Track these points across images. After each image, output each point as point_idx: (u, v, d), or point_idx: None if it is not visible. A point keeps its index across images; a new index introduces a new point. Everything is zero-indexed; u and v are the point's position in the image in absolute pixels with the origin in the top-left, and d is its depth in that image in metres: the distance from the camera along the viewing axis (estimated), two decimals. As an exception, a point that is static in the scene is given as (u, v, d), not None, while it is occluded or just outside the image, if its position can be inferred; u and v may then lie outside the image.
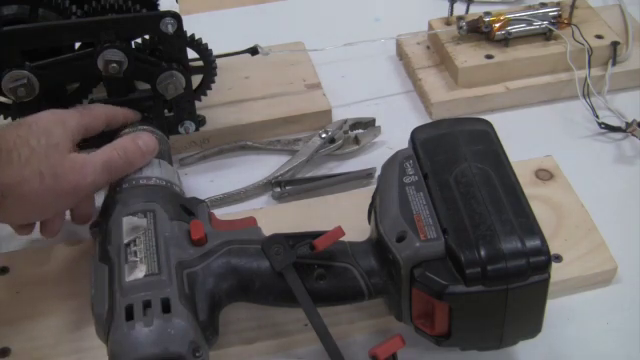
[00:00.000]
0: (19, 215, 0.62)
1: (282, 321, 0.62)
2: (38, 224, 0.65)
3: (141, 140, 0.65)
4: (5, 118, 0.73)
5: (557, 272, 0.59)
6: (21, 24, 0.67)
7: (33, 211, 0.62)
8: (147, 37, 0.73)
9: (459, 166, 0.58)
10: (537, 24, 0.86)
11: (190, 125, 0.76)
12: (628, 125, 0.80)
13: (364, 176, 0.77)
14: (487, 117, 0.64)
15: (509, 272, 0.52)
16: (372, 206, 0.62)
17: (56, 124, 0.62)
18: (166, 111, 0.74)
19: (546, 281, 0.53)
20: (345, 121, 0.82)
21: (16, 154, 0.58)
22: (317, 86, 0.86)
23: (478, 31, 0.87)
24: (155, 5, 0.75)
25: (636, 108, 0.84)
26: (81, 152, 0.63)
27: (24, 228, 0.65)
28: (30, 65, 0.66)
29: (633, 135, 0.80)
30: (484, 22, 0.86)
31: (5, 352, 0.61)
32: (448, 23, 0.90)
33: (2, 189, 0.56)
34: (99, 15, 0.71)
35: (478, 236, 0.53)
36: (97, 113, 0.67)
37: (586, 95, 0.83)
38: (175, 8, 0.73)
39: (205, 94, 0.78)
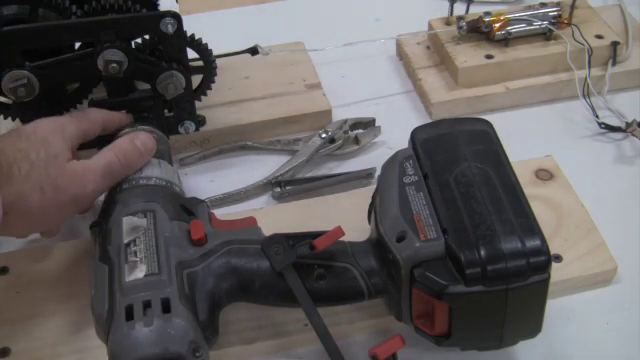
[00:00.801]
0: (21, 229, 0.62)
1: (282, 321, 0.62)
2: None
3: (139, 140, 0.64)
4: (5, 118, 0.73)
5: (557, 272, 0.59)
6: (21, 24, 0.67)
7: (35, 224, 0.62)
8: (147, 37, 0.73)
9: (459, 166, 0.58)
10: (537, 24, 0.86)
11: (190, 125, 0.76)
12: (628, 125, 0.80)
13: (364, 176, 0.77)
14: (487, 117, 0.64)
15: (509, 272, 0.52)
16: (372, 206, 0.62)
17: (55, 133, 0.61)
18: (166, 111, 0.74)
19: (546, 281, 0.52)
20: (345, 121, 0.82)
21: (16, 168, 0.57)
22: (317, 86, 0.86)
23: (478, 31, 0.87)
24: (155, 5, 0.75)
25: (636, 108, 0.84)
26: (80, 156, 0.63)
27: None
28: (30, 65, 0.66)
29: (633, 135, 0.80)
30: (484, 22, 0.86)
31: (5, 352, 0.61)
32: (448, 23, 0.90)
33: (4, 206, 0.55)
34: (99, 15, 0.71)
35: (478, 236, 0.53)
36: (94, 117, 0.67)
37: (586, 95, 0.83)
38: (175, 8, 0.73)
39: (205, 94, 0.78)
